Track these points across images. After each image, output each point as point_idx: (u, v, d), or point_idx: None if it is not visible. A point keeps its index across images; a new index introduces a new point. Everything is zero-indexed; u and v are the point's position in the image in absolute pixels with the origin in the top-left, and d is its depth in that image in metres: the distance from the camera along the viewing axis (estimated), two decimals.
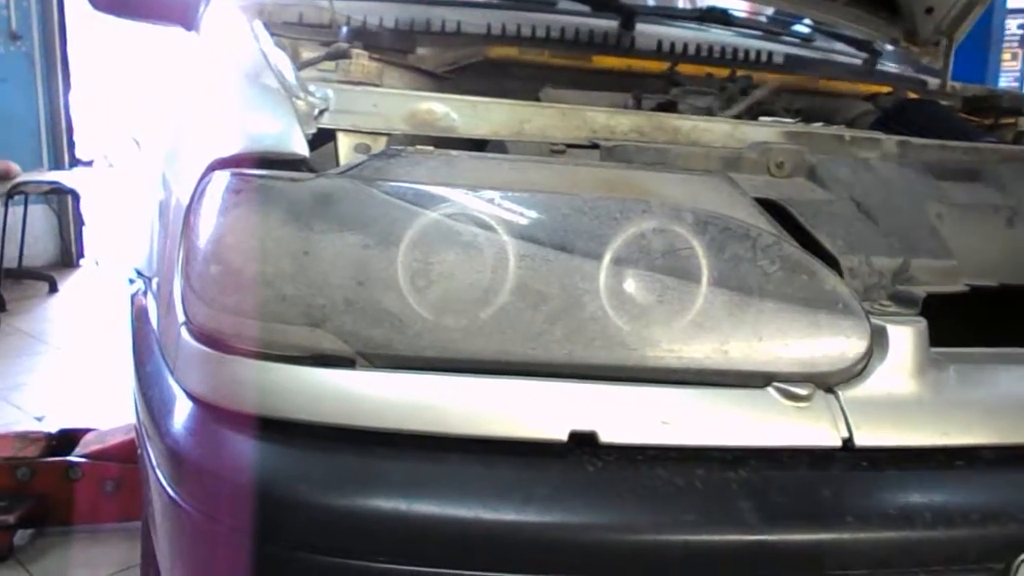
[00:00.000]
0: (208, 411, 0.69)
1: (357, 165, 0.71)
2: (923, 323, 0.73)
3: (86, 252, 4.87)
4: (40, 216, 4.58)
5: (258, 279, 0.68)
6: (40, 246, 4.60)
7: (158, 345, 0.85)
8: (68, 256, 4.77)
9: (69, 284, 4.38)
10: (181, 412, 0.72)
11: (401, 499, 0.62)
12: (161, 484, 0.72)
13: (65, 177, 4.29)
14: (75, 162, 4.77)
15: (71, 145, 4.81)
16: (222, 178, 0.73)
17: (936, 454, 0.69)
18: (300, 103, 0.78)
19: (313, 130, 0.76)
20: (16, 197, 4.06)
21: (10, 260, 4.21)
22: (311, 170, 0.73)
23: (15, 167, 3.92)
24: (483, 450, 0.65)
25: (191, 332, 0.72)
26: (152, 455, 0.75)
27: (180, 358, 0.73)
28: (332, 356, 0.67)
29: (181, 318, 0.73)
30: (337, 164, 0.78)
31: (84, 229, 4.85)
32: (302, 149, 0.72)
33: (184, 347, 0.72)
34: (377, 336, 0.67)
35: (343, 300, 0.67)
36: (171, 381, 0.75)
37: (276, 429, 0.66)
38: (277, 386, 0.66)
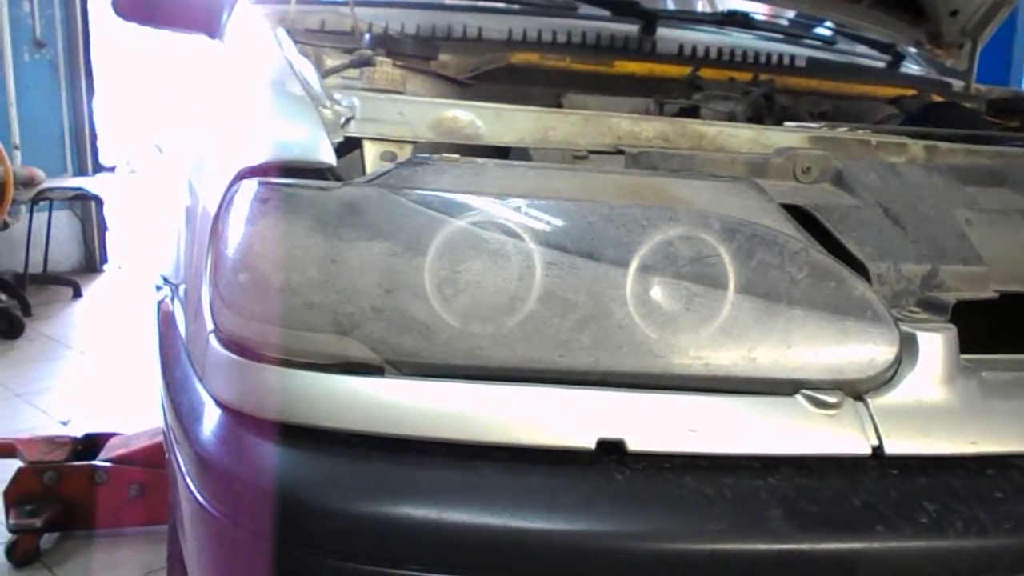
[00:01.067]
0: (236, 418, 0.70)
1: (384, 173, 0.72)
2: (953, 330, 0.73)
3: (109, 257, 4.91)
4: (64, 222, 4.63)
5: (286, 287, 0.68)
6: (64, 252, 4.65)
7: (186, 352, 0.85)
8: (92, 261, 4.82)
9: (93, 289, 4.43)
10: (210, 419, 0.72)
11: (429, 507, 0.62)
12: (190, 489, 0.72)
13: (89, 183, 4.34)
14: (99, 168, 4.82)
15: (95, 152, 4.86)
16: (250, 187, 0.73)
17: (967, 462, 0.69)
18: (326, 111, 0.79)
19: (340, 138, 0.76)
20: (41, 203, 4.10)
21: (35, 265, 4.26)
22: (338, 179, 0.73)
23: (40, 173, 3.96)
24: (511, 458, 0.65)
25: (219, 340, 0.73)
26: (181, 461, 0.76)
27: (208, 365, 0.74)
28: (360, 364, 0.67)
29: (209, 326, 0.74)
30: (363, 172, 0.79)
31: (107, 235, 4.90)
32: (329, 158, 0.73)
33: (212, 354, 0.73)
34: (405, 344, 0.67)
35: (371, 308, 0.67)
36: (199, 388, 0.76)
37: (304, 436, 0.66)
38: (305, 393, 0.67)
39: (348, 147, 0.81)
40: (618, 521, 0.62)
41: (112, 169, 4.92)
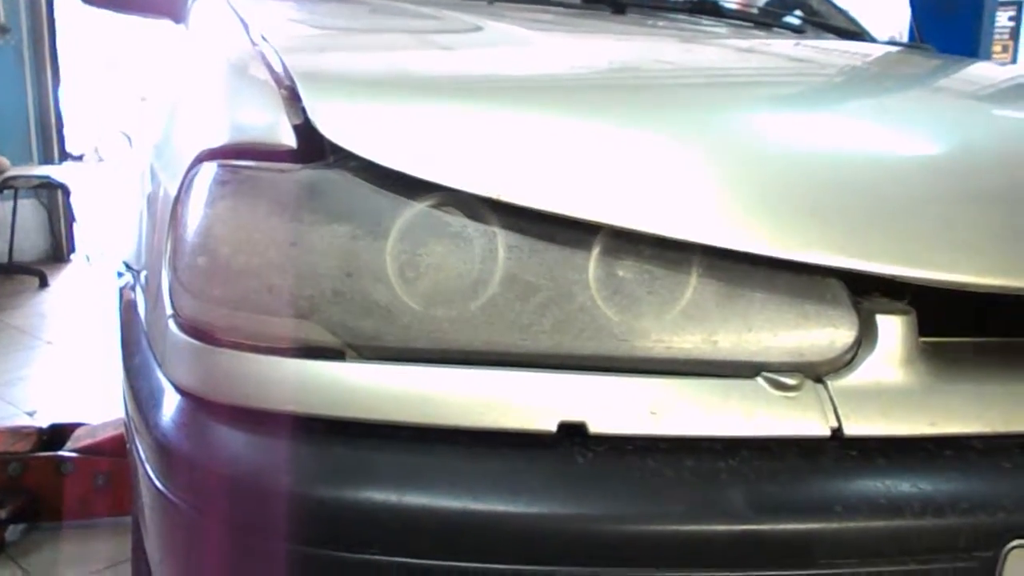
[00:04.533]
0: (196, 403, 0.69)
1: (345, 155, 0.71)
2: (912, 313, 0.73)
3: (77, 247, 4.85)
4: (30, 211, 4.57)
5: (245, 270, 0.67)
6: (30, 241, 4.58)
7: (146, 338, 0.84)
8: (59, 251, 4.75)
9: (60, 279, 4.37)
10: (169, 405, 0.71)
11: (389, 491, 0.62)
12: (149, 477, 0.72)
13: (55, 171, 4.27)
14: (65, 156, 4.75)
15: (61, 140, 4.79)
16: (209, 169, 0.73)
17: (925, 443, 0.69)
18: (286, 93, 0.78)
19: (300, 120, 0.75)
20: (6, 192, 4.04)
21: (0, 255, 4.20)
22: (299, 161, 0.72)
23: (5, 161, 3.91)
24: (472, 441, 0.65)
25: (178, 324, 0.72)
26: (140, 448, 0.75)
27: (168, 351, 0.73)
28: (321, 348, 0.67)
29: (169, 310, 0.73)
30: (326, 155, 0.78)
31: (75, 224, 4.83)
32: (289, 139, 0.72)
33: (171, 339, 0.72)
34: (366, 327, 0.66)
35: (331, 291, 0.67)
36: (159, 374, 0.75)
37: (264, 421, 0.66)
38: (264, 378, 0.66)
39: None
40: (579, 503, 0.62)
41: (80, 158, 4.86)
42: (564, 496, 0.63)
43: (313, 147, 0.71)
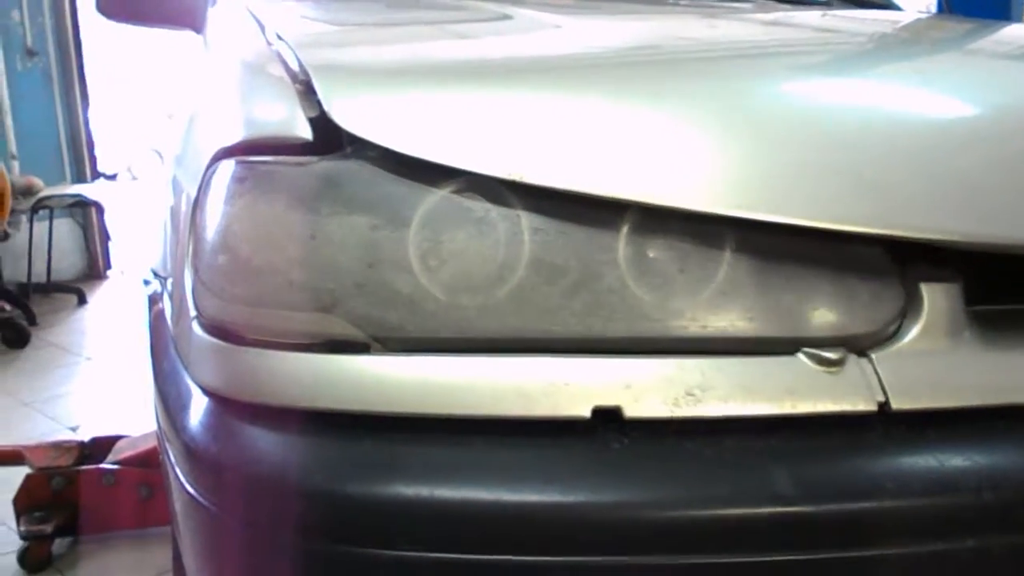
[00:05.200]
0: (221, 404, 0.68)
1: (362, 145, 0.69)
2: (959, 280, 0.70)
3: (113, 264, 4.91)
4: (66, 230, 4.64)
5: (265, 266, 0.66)
6: (67, 260, 4.65)
7: (173, 343, 0.83)
8: (95, 268, 4.82)
9: (97, 296, 4.43)
10: (196, 407, 0.70)
11: (419, 485, 0.60)
12: (180, 481, 0.71)
13: (88, 190, 4.33)
14: (97, 175, 4.82)
15: (93, 159, 4.86)
16: (226, 167, 0.72)
17: (977, 415, 0.66)
18: (301, 87, 0.76)
19: (315, 112, 0.74)
20: (41, 212, 4.10)
21: (39, 275, 4.27)
22: (316, 153, 0.71)
23: (38, 182, 3.96)
24: (503, 431, 0.63)
25: (202, 325, 0.71)
26: (170, 454, 0.74)
27: (192, 352, 0.72)
28: (344, 341, 0.65)
29: (192, 312, 0.72)
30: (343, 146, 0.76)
31: (110, 242, 4.90)
32: (305, 132, 0.71)
33: (196, 341, 0.71)
34: (390, 319, 0.65)
35: (353, 284, 0.65)
36: (185, 377, 0.74)
37: (290, 418, 0.64)
38: (289, 375, 0.65)
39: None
40: (616, 491, 0.60)
41: (114, 177, 4.92)
42: (600, 484, 0.60)
43: (330, 139, 0.70)
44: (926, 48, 1.18)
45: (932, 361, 0.67)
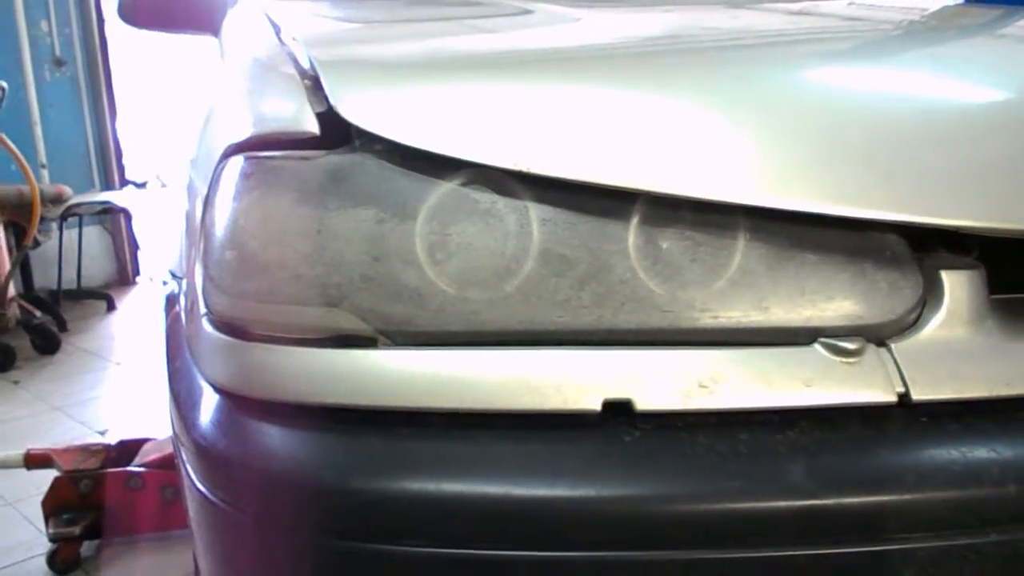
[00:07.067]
0: (230, 400, 0.67)
1: (370, 139, 0.69)
2: (980, 268, 0.68)
3: (141, 270, 4.96)
4: (95, 237, 4.69)
5: (273, 261, 0.66)
6: (97, 266, 4.70)
7: (186, 341, 0.83)
8: (124, 275, 4.87)
9: (126, 302, 4.48)
10: (206, 404, 0.70)
11: (427, 479, 0.59)
12: (191, 479, 0.70)
13: (116, 197, 4.38)
14: (126, 183, 4.87)
15: (121, 167, 4.91)
16: (235, 163, 0.71)
17: (1000, 405, 0.64)
18: (309, 83, 0.76)
19: (323, 107, 0.74)
20: (70, 220, 4.15)
21: (68, 281, 4.32)
22: (324, 148, 0.70)
23: (67, 190, 4.01)
24: (512, 425, 0.62)
25: (211, 322, 0.70)
26: (182, 451, 0.74)
27: (202, 349, 0.72)
28: (352, 336, 0.64)
29: (202, 309, 0.72)
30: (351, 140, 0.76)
31: (138, 248, 4.95)
32: (313, 127, 0.70)
33: (205, 338, 0.71)
34: (397, 313, 0.64)
35: (360, 277, 0.64)
36: (196, 374, 0.74)
37: (298, 414, 0.64)
38: (297, 370, 0.64)
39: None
40: (627, 484, 0.59)
41: (143, 185, 4.97)
42: (611, 477, 0.59)
43: (338, 134, 0.70)
44: (949, 35, 1.16)
45: (953, 350, 0.66)
